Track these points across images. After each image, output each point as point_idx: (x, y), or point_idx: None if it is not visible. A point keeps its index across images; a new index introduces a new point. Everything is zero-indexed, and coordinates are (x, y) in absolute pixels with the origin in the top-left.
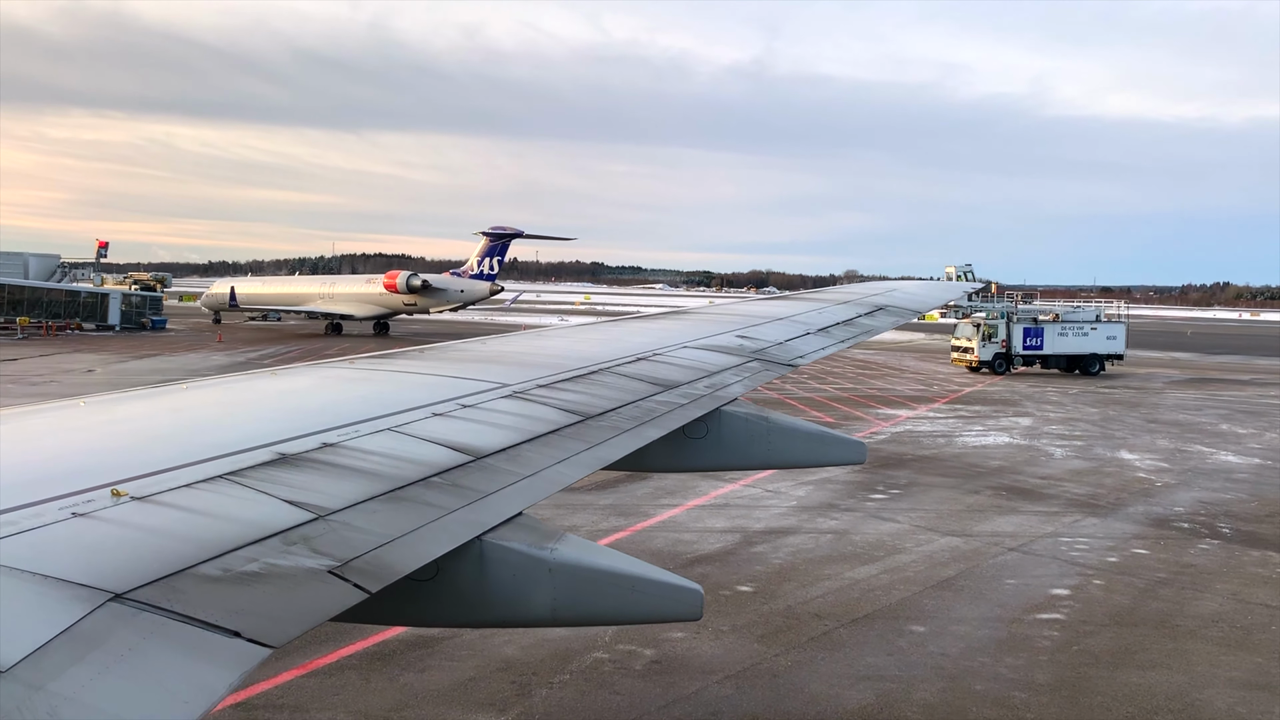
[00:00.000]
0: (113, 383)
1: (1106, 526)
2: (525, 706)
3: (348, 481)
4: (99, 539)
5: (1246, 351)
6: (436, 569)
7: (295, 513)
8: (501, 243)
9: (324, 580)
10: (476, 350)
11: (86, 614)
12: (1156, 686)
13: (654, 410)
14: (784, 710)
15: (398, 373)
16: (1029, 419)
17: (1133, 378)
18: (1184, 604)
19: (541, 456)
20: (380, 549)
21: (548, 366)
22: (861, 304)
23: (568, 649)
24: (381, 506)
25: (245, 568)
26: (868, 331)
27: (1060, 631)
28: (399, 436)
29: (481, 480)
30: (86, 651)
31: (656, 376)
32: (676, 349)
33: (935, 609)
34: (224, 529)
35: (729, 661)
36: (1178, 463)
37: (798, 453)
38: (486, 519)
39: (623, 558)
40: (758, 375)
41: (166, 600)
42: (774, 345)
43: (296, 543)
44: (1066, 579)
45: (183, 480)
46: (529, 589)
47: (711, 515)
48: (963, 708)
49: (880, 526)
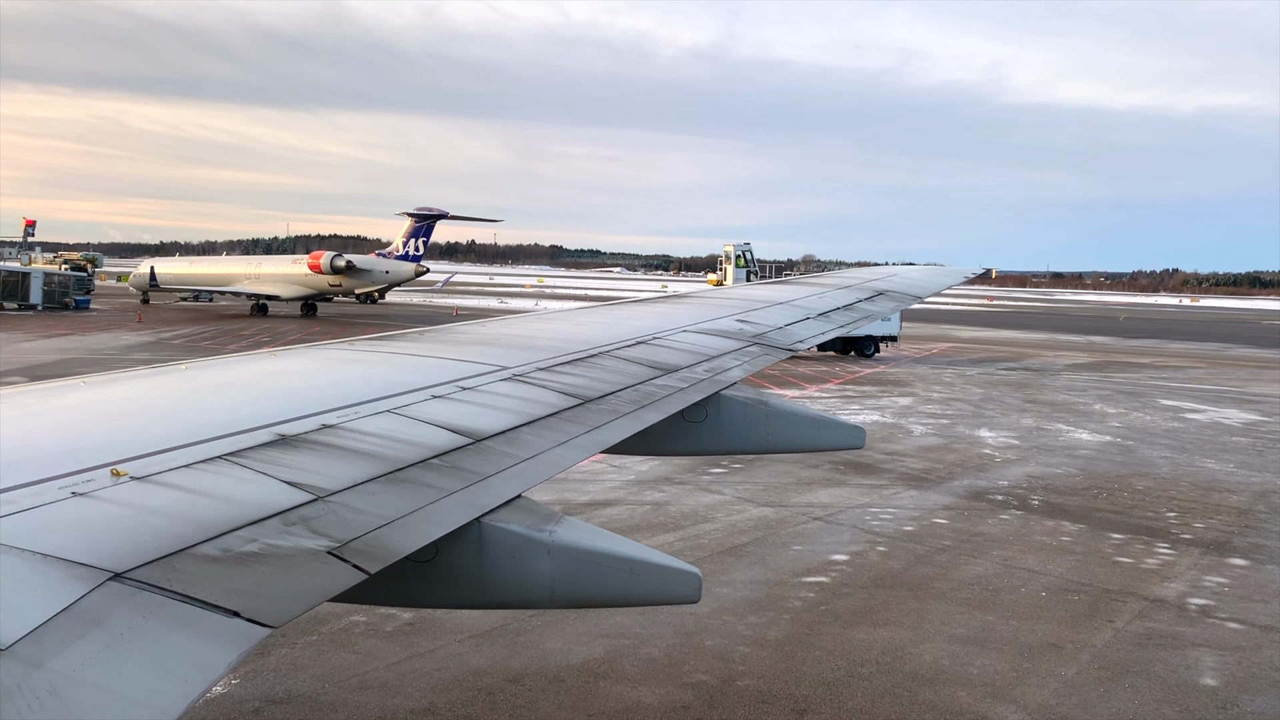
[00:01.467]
0: (10, 362)
1: (922, 498)
2: (255, 666)
3: (347, 463)
4: (99, 518)
5: (1167, 336)
6: (435, 550)
7: (295, 494)
8: (427, 224)
9: (323, 561)
10: (476, 333)
11: (86, 593)
12: (877, 643)
13: (653, 394)
14: (508, 665)
15: (397, 355)
16: (911, 399)
17: (1035, 360)
18: (951, 569)
19: (541, 439)
20: (379, 530)
21: (547, 349)
22: (862, 289)
23: (330, 612)
24: (381, 488)
25: (245, 548)
26: (868, 316)
27: (816, 593)
28: (398, 418)
29: (481, 462)
30: (86, 630)
31: (656, 360)
32: (676, 333)
33: (710, 572)
34: (223, 509)
35: (482, 624)
36: (1029, 440)
37: (796, 437)
38: (486, 501)
39: (622, 541)
40: (757, 360)
41: (166, 580)
42: (774, 330)
43: (296, 523)
44: (852, 546)
45: (182, 460)
46: (528, 571)
47: (541, 489)
48: (681, 661)
49: (703, 499)
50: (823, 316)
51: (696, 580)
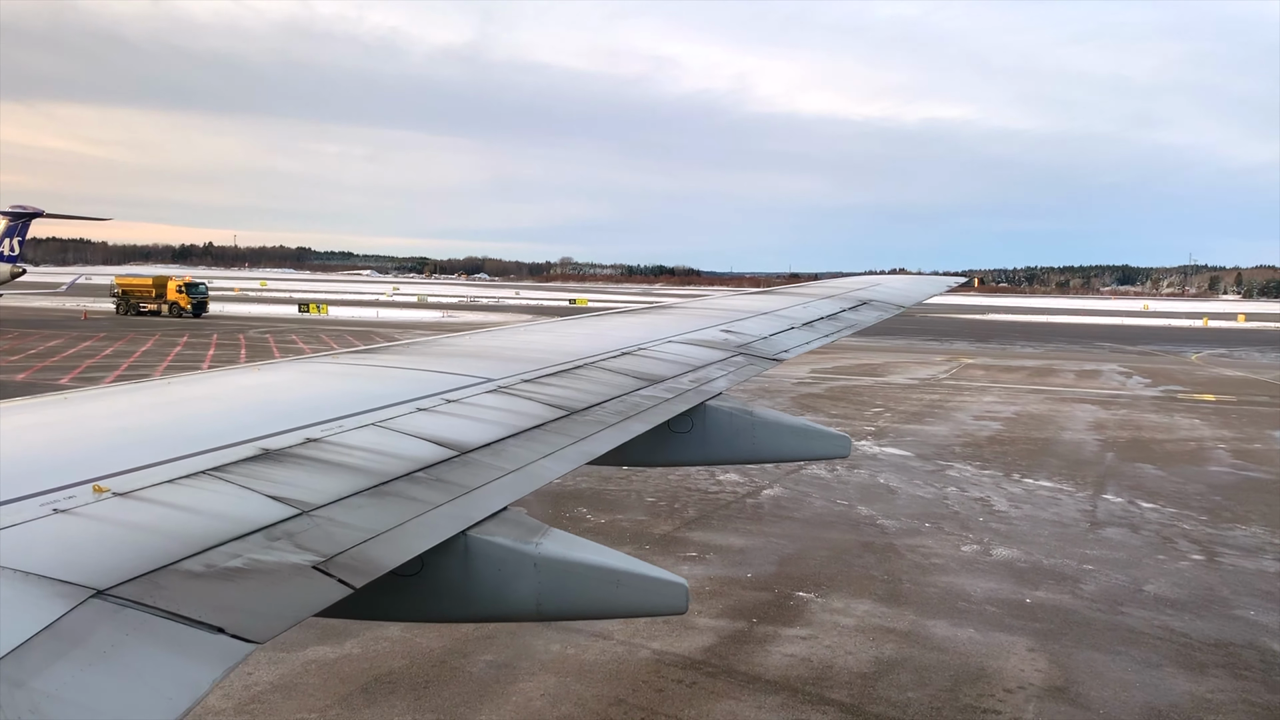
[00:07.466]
0: None
1: None
2: None
3: (332, 477)
4: (81, 535)
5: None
6: (421, 564)
7: (279, 508)
8: (22, 222)
9: (308, 576)
10: (460, 345)
11: (69, 610)
12: None
13: (639, 405)
14: None
15: (381, 367)
16: None
17: None
18: None
19: (526, 451)
20: (364, 544)
21: (532, 361)
22: (846, 298)
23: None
24: (366, 501)
25: (229, 564)
26: (851, 326)
27: None
28: (383, 431)
29: (466, 475)
30: (69, 648)
31: (641, 371)
32: (661, 343)
33: None
34: (207, 525)
35: None
36: None
37: (782, 447)
38: (471, 514)
39: (609, 552)
40: (743, 370)
41: (149, 596)
42: (759, 339)
43: (280, 538)
44: None
45: (165, 476)
46: (514, 583)
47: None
48: None
49: None
50: (807, 326)
51: (684, 591)
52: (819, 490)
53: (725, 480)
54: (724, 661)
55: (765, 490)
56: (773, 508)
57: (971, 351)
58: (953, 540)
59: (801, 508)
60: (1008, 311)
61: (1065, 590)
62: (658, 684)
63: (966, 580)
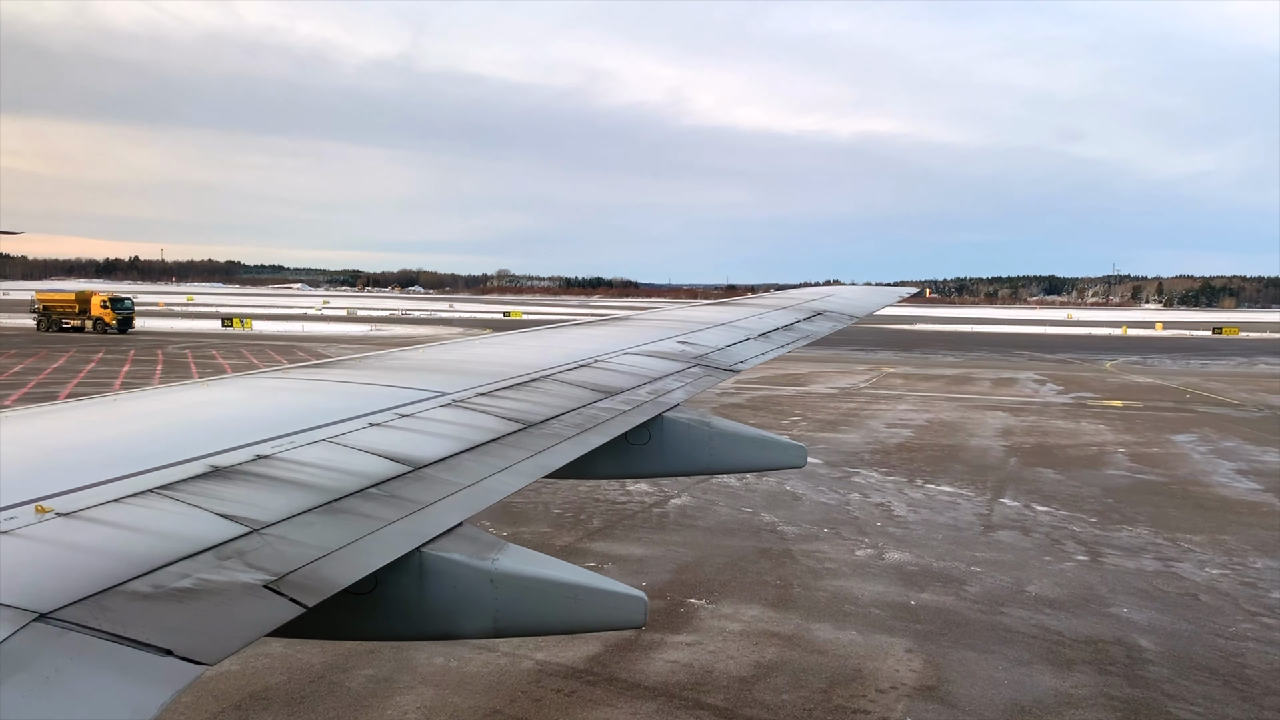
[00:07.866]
0: None
1: None
2: None
3: (283, 494)
4: (22, 557)
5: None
6: (375, 582)
7: (229, 526)
8: None
9: (259, 595)
10: (415, 358)
11: (10, 634)
12: None
13: (596, 417)
14: None
15: (333, 382)
16: None
17: None
18: None
19: (482, 465)
20: (317, 562)
21: (488, 374)
22: (800, 309)
23: None
24: (318, 519)
25: (177, 584)
26: (807, 336)
27: None
28: (335, 447)
29: (420, 490)
30: (11, 674)
31: (598, 383)
32: (618, 355)
33: None
34: (155, 544)
35: None
36: None
37: (740, 457)
38: (426, 530)
39: (566, 566)
40: (699, 381)
41: (95, 619)
42: (715, 350)
43: (230, 557)
44: None
45: (111, 495)
46: (470, 600)
47: None
48: None
49: None
50: (763, 337)
51: (642, 604)
52: (725, 499)
53: (634, 490)
54: (606, 670)
55: (673, 500)
56: (678, 516)
57: (894, 361)
58: (848, 545)
59: (706, 516)
60: (935, 321)
61: (950, 592)
62: (536, 694)
63: (856, 584)
